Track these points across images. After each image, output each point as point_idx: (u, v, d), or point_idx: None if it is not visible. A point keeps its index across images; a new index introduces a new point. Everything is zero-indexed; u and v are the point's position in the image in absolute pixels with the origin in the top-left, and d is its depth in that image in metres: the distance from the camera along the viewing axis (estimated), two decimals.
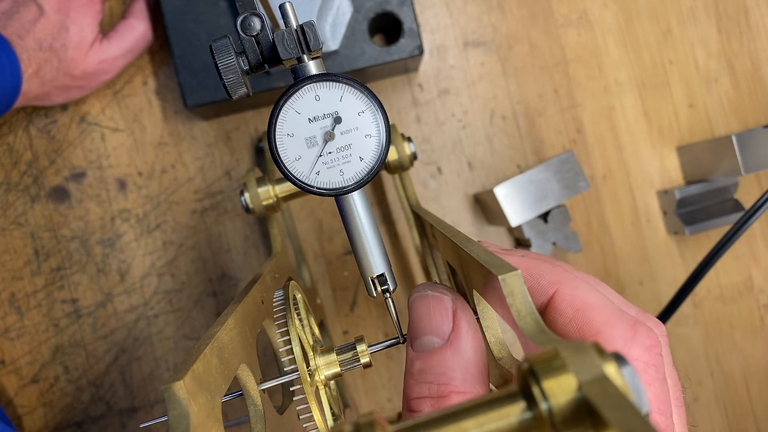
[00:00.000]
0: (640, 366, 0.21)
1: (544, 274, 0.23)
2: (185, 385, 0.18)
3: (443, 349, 0.22)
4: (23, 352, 0.53)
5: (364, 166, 0.26)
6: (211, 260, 0.54)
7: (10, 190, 0.53)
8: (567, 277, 0.23)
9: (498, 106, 0.56)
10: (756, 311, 0.57)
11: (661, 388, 0.21)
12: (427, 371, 0.21)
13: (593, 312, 0.22)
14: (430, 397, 0.21)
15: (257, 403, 0.26)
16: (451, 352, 0.22)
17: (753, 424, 0.56)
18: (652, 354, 0.21)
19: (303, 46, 0.26)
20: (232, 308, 0.25)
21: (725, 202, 0.54)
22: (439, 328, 0.22)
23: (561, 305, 0.23)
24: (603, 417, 0.13)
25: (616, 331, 0.22)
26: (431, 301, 0.23)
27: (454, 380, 0.21)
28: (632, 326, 0.22)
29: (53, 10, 0.46)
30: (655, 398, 0.21)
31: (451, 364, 0.21)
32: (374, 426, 0.15)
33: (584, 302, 0.22)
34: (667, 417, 0.21)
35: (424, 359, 0.22)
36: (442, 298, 0.23)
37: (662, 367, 0.21)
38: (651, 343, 0.21)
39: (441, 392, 0.21)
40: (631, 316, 0.22)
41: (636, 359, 0.21)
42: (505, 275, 0.19)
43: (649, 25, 0.57)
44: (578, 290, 0.23)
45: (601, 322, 0.22)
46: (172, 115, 0.54)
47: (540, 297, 0.23)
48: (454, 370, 0.21)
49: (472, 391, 0.21)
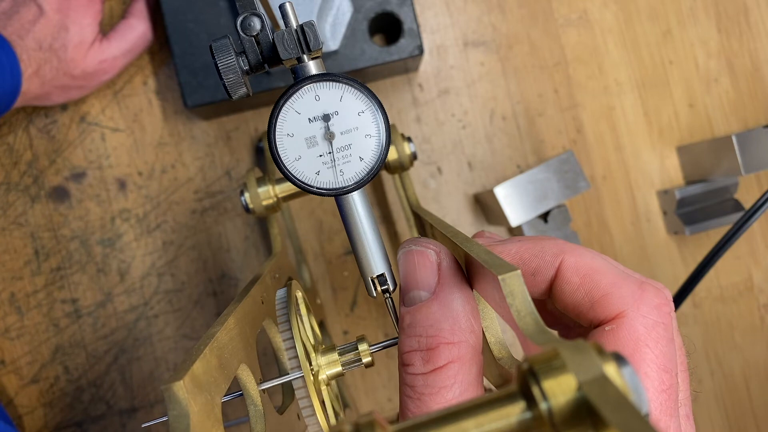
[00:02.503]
0: (648, 323, 0.21)
1: (546, 249, 0.24)
2: (185, 385, 0.18)
3: (430, 302, 0.22)
4: (23, 352, 0.53)
5: (364, 166, 0.26)
6: (211, 260, 0.54)
7: (10, 190, 0.53)
8: (569, 246, 0.24)
9: (498, 106, 0.56)
10: (756, 311, 0.57)
11: (668, 346, 0.21)
12: (416, 324, 0.22)
13: (599, 276, 0.22)
14: (420, 350, 0.21)
15: (257, 403, 0.26)
16: (437, 304, 0.22)
17: (753, 424, 0.56)
18: (661, 312, 0.21)
19: (303, 46, 0.26)
20: (232, 308, 0.25)
21: (725, 202, 0.54)
22: (425, 281, 0.23)
23: (567, 274, 0.23)
24: (603, 417, 0.13)
25: (624, 291, 0.22)
26: (416, 255, 0.23)
27: (442, 331, 0.21)
28: (640, 286, 0.22)
29: (53, 10, 0.46)
30: (661, 356, 0.21)
31: (437, 316, 0.21)
32: (374, 426, 0.15)
33: (590, 267, 0.23)
34: (671, 375, 0.21)
35: (412, 313, 0.22)
36: (426, 251, 0.23)
37: (670, 327, 0.22)
38: (660, 302, 0.22)
39: (430, 344, 0.21)
40: (638, 278, 0.22)
41: (644, 316, 0.21)
42: (505, 275, 0.19)
43: (649, 25, 0.57)
44: (582, 257, 0.23)
45: (609, 284, 0.22)
46: (172, 115, 0.54)
47: (547, 271, 0.23)
48: (442, 321, 0.21)
49: (461, 340, 0.21)
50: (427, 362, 0.21)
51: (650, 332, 0.21)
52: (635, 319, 0.21)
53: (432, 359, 0.21)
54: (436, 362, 0.21)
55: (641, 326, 0.21)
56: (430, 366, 0.21)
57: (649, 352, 0.21)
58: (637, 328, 0.21)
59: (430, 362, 0.21)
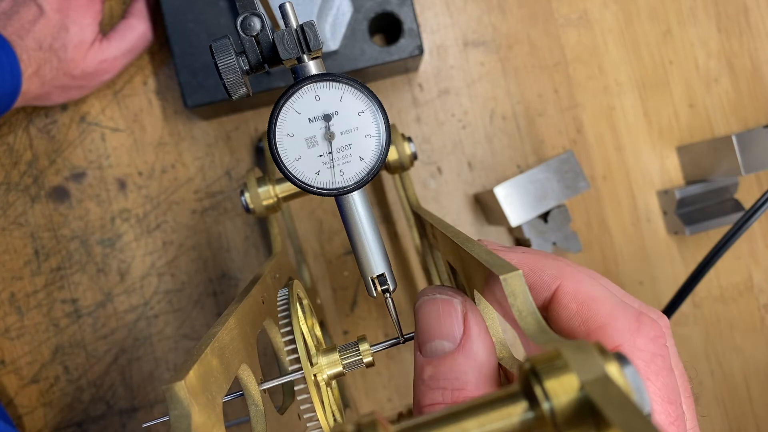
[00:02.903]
0: (646, 356, 0.21)
1: (546, 270, 0.23)
2: (186, 385, 0.18)
3: (455, 354, 0.21)
4: (23, 352, 0.53)
5: (364, 166, 0.26)
6: (211, 260, 0.54)
7: (10, 190, 0.53)
8: (570, 271, 0.23)
9: (498, 106, 0.56)
10: (756, 311, 0.57)
11: (669, 377, 0.21)
12: (439, 377, 0.21)
13: (597, 305, 0.22)
14: (444, 403, 0.20)
15: (258, 402, 0.26)
16: (463, 356, 0.21)
17: (753, 424, 0.56)
18: (657, 344, 0.21)
19: (303, 46, 0.25)
20: (233, 308, 0.25)
21: (725, 202, 0.54)
22: (450, 332, 0.22)
23: (564, 299, 0.23)
24: (605, 417, 0.13)
25: (620, 323, 0.21)
26: (441, 304, 0.23)
27: (468, 384, 0.20)
28: (637, 317, 0.22)
29: (53, 10, 0.46)
30: (663, 388, 0.21)
31: (464, 369, 0.21)
32: (376, 426, 0.15)
33: (588, 295, 0.22)
34: (677, 406, 0.21)
35: (435, 364, 0.21)
36: (452, 301, 0.23)
37: (668, 357, 0.21)
38: (656, 334, 0.21)
39: (455, 398, 0.20)
40: (635, 307, 0.22)
41: (642, 350, 0.21)
42: (507, 275, 0.19)
43: (649, 25, 0.57)
44: (581, 284, 0.23)
45: (606, 314, 0.22)
46: (172, 115, 0.54)
47: (543, 292, 0.23)
48: (468, 374, 0.21)
49: (487, 392, 0.21)
50: None
51: (649, 365, 0.21)
52: (632, 353, 0.21)
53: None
54: None
55: (639, 360, 0.21)
56: None
57: (651, 386, 0.20)
58: (636, 363, 0.21)
59: None
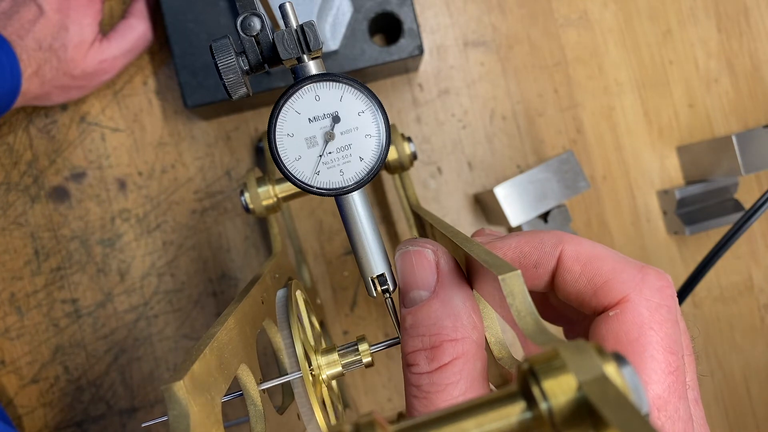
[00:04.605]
0: (651, 305, 0.21)
1: (545, 241, 0.24)
2: (185, 385, 0.18)
3: (430, 301, 0.22)
4: (23, 352, 0.53)
5: (364, 166, 0.26)
6: (211, 260, 0.54)
7: (10, 190, 0.53)
8: (568, 236, 0.24)
9: (498, 106, 0.56)
10: (756, 311, 0.57)
11: (673, 328, 0.21)
12: (418, 324, 0.22)
13: (600, 262, 0.22)
14: (424, 349, 0.21)
15: (257, 403, 0.26)
16: (438, 302, 0.22)
17: (753, 424, 0.56)
18: (663, 295, 0.21)
19: (303, 46, 0.26)
20: (232, 308, 0.25)
21: (725, 202, 0.54)
22: (424, 280, 0.23)
23: (568, 263, 0.23)
24: (603, 417, 0.13)
25: (625, 275, 0.22)
26: (413, 255, 0.23)
27: (445, 329, 0.21)
28: (640, 270, 0.22)
29: (53, 10, 0.46)
30: (666, 337, 0.21)
31: (439, 314, 0.22)
32: (374, 426, 0.15)
33: (590, 254, 0.23)
34: (677, 357, 0.21)
35: (413, 313, 0.22)
36: (423, 251, 0.23)
37: (674, 309, 0.22)
38: (662, 285, 0.22)
39: (433, 342, 0.21)
40: (637, 262, 0.23)
41: (648, 299, 0.21)
42: (505, 275, 0.19)
43: (649, 25, 0.57)
44: (582, 245, 0.23)
45: (610, 270, 0.22)
46: (172, 115, 0.54)
47: (548, 262, 0.24)
48: (444, 319, 0.21)
49: (464, 336, 0.21)
50: (431, 360, 0.21)
51: (654, 315, 0.21)
52: (638, 302, 0.21)
53: (437, 357, 0.21)
54: (441, 359, 0.21)
55: (645, 309, 0.21)
56: (435, 364, 0.21)
57: (654, 335, 0.21)
58: (641, 312, 0.21)
59: (434, 360, 0.21)
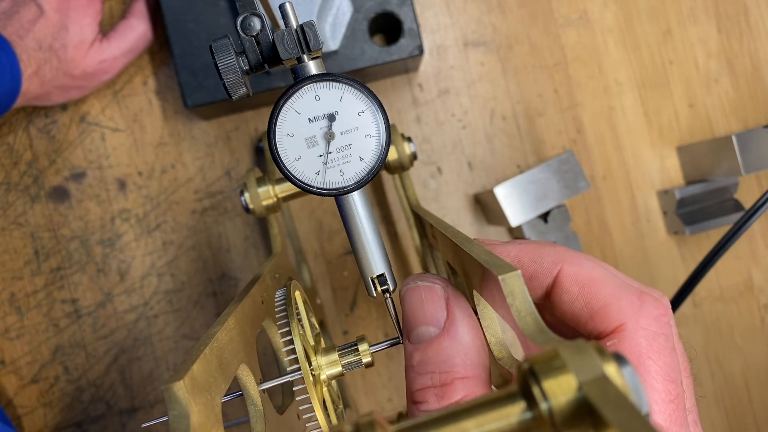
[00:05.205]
0: (649, 335, 0.21)
1: (546, 257, 0.24)
2: (185, 385, 0.18)
3: (440, 338, 0.22)
4: (23, 352, 0.53)
5: (364, 166, 0.26)
6: (211, 260, 0.54)
7: (10, 190, 0.53)
8: (569, 255, 0.23)
9: (498, 106, 0.56)
10: (756, 311, 0.57)
11: (671, 356, 0.21)
12: (427, 361, 0.21)
13: (598, 286, 0.22)
14: (433, 387, 0.21)
15: (257, 403, 0.26)
16: (448, 339, 0.22)
17: (753, 424, 0.56)
18: (660, 323, 0.21)
19: (303, 46, 0.26)
20: (232, 308, 0.25)
21: (725, 202, 0.54)
22: (434, 316, 0.22)
23: (566, 283, 0.23)
24: (603, 417, 0.13)
25: (623, 302, 0.22)
26: (423, 291, 0.23)
27: (456, 366, 0.21)
28: (639, 296, 0.22)
29: (53, 10, 0.46)
30: (665, 366, 0.21)
31: (450, 352, 0.21)
32: (374, 426, 0.15)
33: (589, 277, 0.22)
34: (677, 385, 0.21)
35: (422, 350, 0.22)
36: (433, 287, 0.23)
37: (671, 336, 0.22)
38: (659, 312, 0.21)
39: (443, 380, 0.21)
40: (637, 287, 0.22)
41: (645, 328, 0.21)
42: (505, 275, 0.19)
43: (649, 25, 0.57)
44: (582, 267, 0.23)
45: (608, 295, 0.22)
46: (172, 115, 0.54)
47: (545, 279, 0.23)
48: (454, 356, 0.21)
49: (475, 374, 0.21)
50: (441, 398, 0.20)
51: (652, 344, 0.21)
52: (636, 331, 0.21)
53: (447, 395, 0.20)
54: (451, 398, 0.20)
55: (643, 339, 0.21)
56: (444, 402, 0.20)
57: (653, 364, 0.21)
58: (639, 342, 0.21)
59: (444, 398, 0.20)
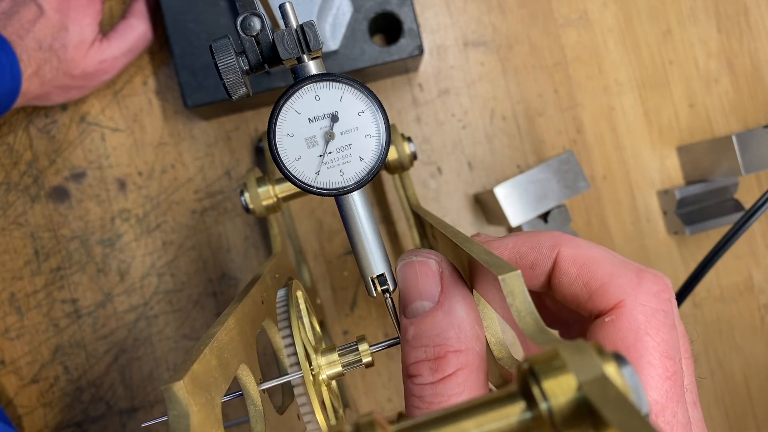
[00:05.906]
0: (647, 311, 0.21)
1: (543, 242, 0.24)
2: (185, 385, 0.18)
3: (434, 311, 0.22)
4: (23, 352, 0.53)
5: (364, 166, 0.26)
6: (211, 260, 0.54)
7: (10, 190, 0.53)
8: (566, 238, 0.24)
9: (498, 106, 0.56)
10: (756, 311, 0.57)
11: (670, 333, 0.21)
12: (421, 335, 0.22)
13: (596, 265, 0.22)
14: (427, 360, 0.21)
15: (257, 403, 0.26)
16: (442, 313, 0.22)
17: (753, 424, 0.56)
18: (660, 299, 0.21)
19: (303, 46, 0.26)
20: (232, 308, 0.25)
21: (725, 202, 0.54)
22: (428, 291, 0.23)
23: (564, 265, 0.23)
24: (603, 417, 0.13)
25: (621, 280, 0.22)
26: (417, 266, 0.23)
27: (449, 340, 0.21)
28: (637, 274, 0.22)
29: (53, 10, 0.46)
30: (662, 343, 0.21)
31: (443, 325, 0.21)
32: (374, 426, 0.15)
33: (586, 257, 0.23)
34: (675, 362, 0.21)
35: (416, 324, 0.22)
36: (428, 261, 0.23)
37: (671, 313, 0.21)
38: (659, 289, 0.21)
39: (437, 353, 0.21)
40: (636, 266, 0.22)
41: (644, 304, 0.21)
42: (505, 275, 0.19)
43: (649, 25, 0.57)
44: (579, 248, 0.23)
45: (606, 273, 0.22)
46: (172, 115, 0.54)
47: (545, 264, 0.23)
48: (448, 330, 0.21)
49: (468, 347, 0.21)
50: (435, 371, 0.21)
51: (650, 320, 0.21)
52: (634, 307, 0.21)
53: (440, 368, 0.21)
54: (445, 370, 0.21)
55: (641, 315, 0.21)
56: (438, 375, 0.21)
57: (651, 340, 0.21)
58: (637, 317, 0.21)
59: (438, 371, 0.21)
